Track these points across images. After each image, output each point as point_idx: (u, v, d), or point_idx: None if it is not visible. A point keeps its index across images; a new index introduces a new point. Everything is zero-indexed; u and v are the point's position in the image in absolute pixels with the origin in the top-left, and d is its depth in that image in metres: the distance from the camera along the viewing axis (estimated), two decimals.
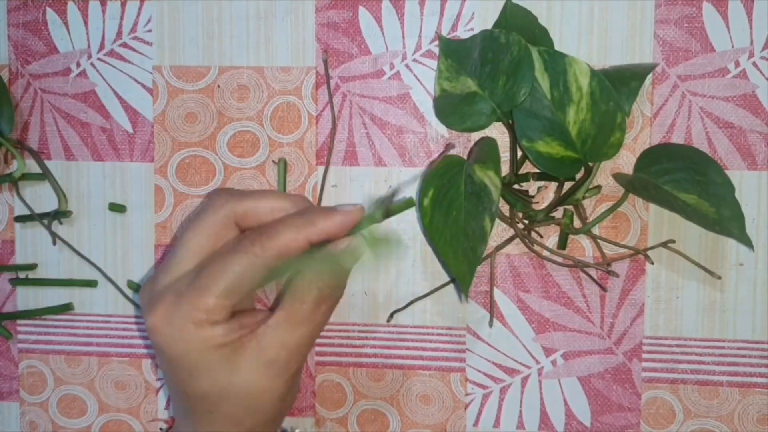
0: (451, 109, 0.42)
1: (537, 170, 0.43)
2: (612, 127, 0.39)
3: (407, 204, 0.36)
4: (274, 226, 0.35)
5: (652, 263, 0.43)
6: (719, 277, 0.43)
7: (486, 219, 0.39)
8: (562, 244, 0.43)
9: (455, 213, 0.40)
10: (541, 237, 0.44)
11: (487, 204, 0.39)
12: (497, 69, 0.41)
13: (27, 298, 0.48)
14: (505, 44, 0.41)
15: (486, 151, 0.41)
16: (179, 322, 0.35)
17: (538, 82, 0.40)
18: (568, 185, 0.43)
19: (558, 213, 0.44)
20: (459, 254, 0.39)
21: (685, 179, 0.40)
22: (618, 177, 0.43)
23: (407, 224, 0.45)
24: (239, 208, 0.36)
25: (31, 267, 0.48)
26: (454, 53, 0.43)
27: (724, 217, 0.39)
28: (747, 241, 0.39)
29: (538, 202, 0.44)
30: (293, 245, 0.35)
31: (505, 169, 0.44)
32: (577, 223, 0.43)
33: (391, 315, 0.46)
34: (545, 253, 0.44)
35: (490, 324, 0.45)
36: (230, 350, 0.36)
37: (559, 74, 0.40)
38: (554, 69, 0.40)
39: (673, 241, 0.43)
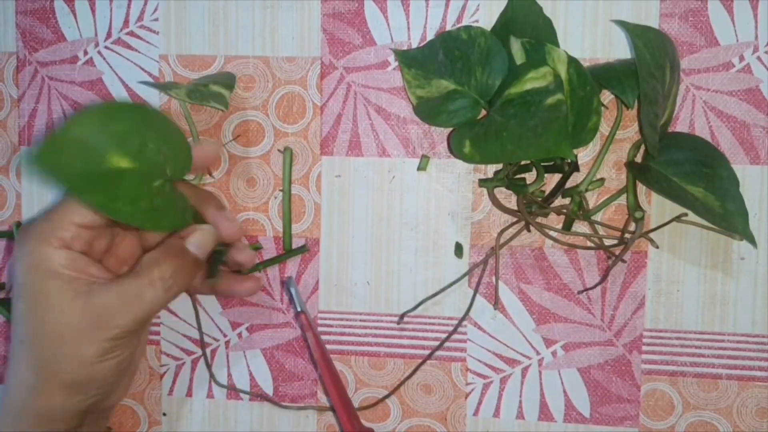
0: (435, 111, 0.43)
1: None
2: (589, 111, 0.40)
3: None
4: None
5: (657, 247, 0.43)
6: (741, 239, 0.42)
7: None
8: (567, 228, 0.44)
9: (505, 133, 0.40)
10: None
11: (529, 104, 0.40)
12: (470, 63, 0.42)
13: None
14: (468, 39, 0.42)
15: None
16: (34, 234, 0.37)
17: None
18: (569, 182, 0.43)
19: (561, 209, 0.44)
20: (538, 138, 0.39)
21: (693, 172, 0.40)
22: (630, 166, 0.43)
23: (414, 202, 0.46)
24: None
25: None
26: (414, 61, 0.44)
27: (728, 211, 0.39)
28: (750, 237, 0.39)
29: (543, 190, 0.44)
30: None
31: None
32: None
33: (401, 317, 0.46)
34: (552, 234, 0.44)
35: (495, 307, 0.45)
36: (61, 285, 0.36)
37: (540, 63, 0.40)
38: (535, 58, 0.41)
39: (686, 214, 0.42)
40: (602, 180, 0.44)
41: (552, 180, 0.44)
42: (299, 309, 0.44)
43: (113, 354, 0.37)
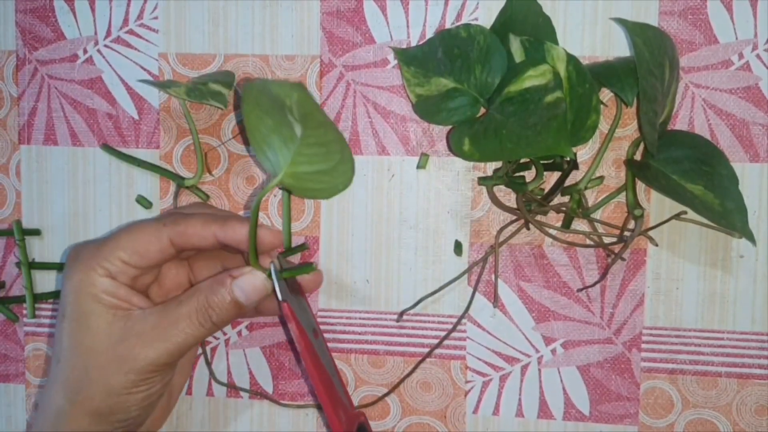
0: (434, 109, 0.43)
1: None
2: (588, 109, 0.40)
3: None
4: (188, 214, 0.39)
5: (656, 245, 0.43)
6: (740, 237, 0.43)
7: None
8: (566, 226, 0.44)
9: (504, 131, 0.40)
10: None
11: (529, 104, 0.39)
12: (469, 61, 0.42)
13: (33, 282, 0.49)
14: (467, 37, 0.42)
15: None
16: (82, 258, 0.38)
17: None
18: (569, 180, 0.43)
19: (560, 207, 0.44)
20: (537, 135, 0.39)
21: (692, 169, 0.40)
22: (629, 164, 0.43)
23: (413, 199, 0.46)
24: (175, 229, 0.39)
25: (37, 232, 0.49)
26: (414, 60, 0.44)
27: (727, 209, 0.39)
28: (749, 235, 0.39)
29: (542, 188, 0.44)
30: (198, 232, 0.38)
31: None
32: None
33: (401, 315, 0.46)
34: (552, 231, 0.44)
35: (495, 305, 0.45)
36: (102, 309, 0.37)
37: (539, 61, 0.40)
38: (534, 56, 0.41)
39: (685, 212, 0.42)
40: (601, 178, 0.44)
41: (551, 178, 0.44)
42: (281, 298, 0.39)
43: (141, 387, 0.37)
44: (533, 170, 0.43)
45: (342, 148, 0.34)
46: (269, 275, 0.39)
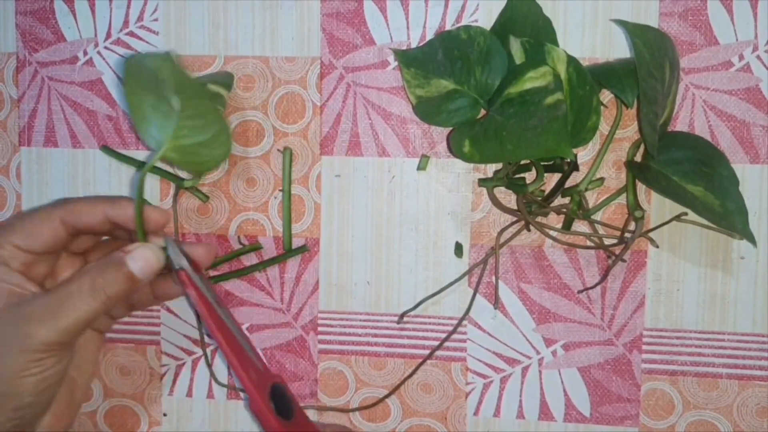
0: (435, 110, 0.43)
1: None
2: (588, 110, 0.40)
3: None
4: (79, 198, 0.40)
5: (657, 246, 0.43)
6: (741, 238, 0.43)
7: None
8: (567, 227, 0.44)
9: (504, 132, 0.40)
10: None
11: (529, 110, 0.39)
12: (469, 62, 0.42)
13: None
14: (467, 39, 0.42)
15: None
16: None
17: None
18: (569, 181, 0.43)
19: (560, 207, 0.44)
20: (537, 137, 0.39)
21: (693, 171, 0.40)
22: (630, 166, 0.43)
23: (414, 198, 0.46)
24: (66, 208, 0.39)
25: None
26: (414, 61, 0.44)
27: (728, 210, 0.39)
28: (750, 236, 0.39)
29: (543, 190, 0.44)
30: (87, 210, 0.38)
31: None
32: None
33: (401, 316, 0.46)
34: (552, 233, 0.44)
35: (496, 306, 0.45)
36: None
37: (540, 63, 0.40)
38: (535, 57, 0.41)
39: (686, 213, 0.42)
40: (602, 179, 0.44)
41: (552, 179, 0.44)
42: (177, 266, 0.38)
43: (33, 371, 0.35)
44: (534, 172, 0.43)
45: (217, 118, 0.36)
46: (164, 249, 0.38)
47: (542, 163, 0.43)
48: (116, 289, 0.36)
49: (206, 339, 0.48)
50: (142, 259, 0.37)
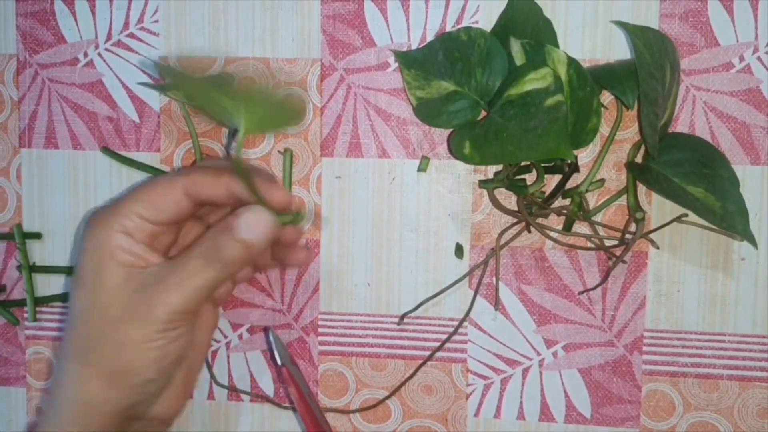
0: (435, 112, 0.43)
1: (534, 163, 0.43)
2: (589, 112, 0.40)
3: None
4: (201, 166, 0.39)
5: (657, 247, 0.43)
6: (741, 239, 0.42)
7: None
8: (567, 229, 0.44)
9: (505, 134, 0.40)
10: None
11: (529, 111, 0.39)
12: (470, 64, 0.42)
13: (34, 285, 0.49)
14: (468, 40, 0.42)
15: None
16: (98, 219, 0.37)
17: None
18: (570, 183, 0.43)
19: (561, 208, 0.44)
20: (538, 138, 0.39)
21: (693, 172, 0.40)
22: (630, 167, 0.43)
23: (410, 205, 0.46)
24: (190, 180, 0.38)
25: (38, 235, 0.49)
26: (415, 63, 0.44)
27: (728, 212, 0.39)
28: (750, 238, 0.39)
29: (543, 191, 0.44)
30: (210, 181, 0.37)
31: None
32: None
33: (402, 317, 0.46)
34: (553, 234, 0.44)
35: (496, 307, 0.45)
36: (116, 267, 0.36)
37: (540, 64, 0.40)
38: (535, 59, 0.41)
39: (686, 215, 0.42)
40: (602, 181, 0.44)
41: (552, 181, 0.44)
42: (280, 362, 0.42)
43: (156, 342, 0.35)
44: (534, 173, 0.43)
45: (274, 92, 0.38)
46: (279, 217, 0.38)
47: (543, 165, 0.43)
48: (233, 254, 0.36)
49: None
50: (252, 223, 0.36)
